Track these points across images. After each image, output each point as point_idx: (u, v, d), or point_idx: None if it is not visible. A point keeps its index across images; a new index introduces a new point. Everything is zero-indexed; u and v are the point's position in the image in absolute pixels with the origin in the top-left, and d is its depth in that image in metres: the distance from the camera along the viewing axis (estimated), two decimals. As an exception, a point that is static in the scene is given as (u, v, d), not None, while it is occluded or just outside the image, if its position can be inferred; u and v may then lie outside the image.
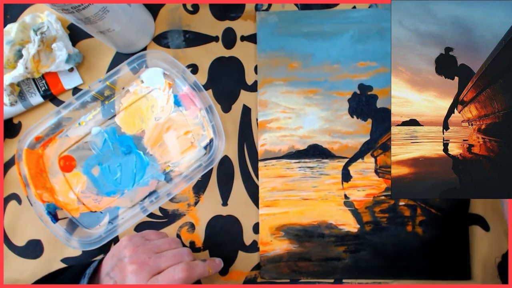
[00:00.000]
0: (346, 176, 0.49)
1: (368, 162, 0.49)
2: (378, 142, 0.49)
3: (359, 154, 0.49)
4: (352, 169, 0.49)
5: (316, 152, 0.49)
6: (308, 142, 0.49)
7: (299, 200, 0.48)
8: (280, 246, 0.48)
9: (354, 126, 0.49)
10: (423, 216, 0.48)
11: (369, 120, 0.49)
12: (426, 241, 0.47)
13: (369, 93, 0.49)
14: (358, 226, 0.48)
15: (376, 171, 0.48)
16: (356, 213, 0.48)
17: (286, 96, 0.49)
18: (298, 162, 0.49)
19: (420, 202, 0.48)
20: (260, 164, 0.49)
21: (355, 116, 0.49)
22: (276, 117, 0.49)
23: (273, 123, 0.49)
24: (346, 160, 0.49)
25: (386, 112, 0.49)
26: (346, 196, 0.48)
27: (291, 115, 0.49)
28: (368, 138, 0.49)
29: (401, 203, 0.48)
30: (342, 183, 0.48)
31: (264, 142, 0.49)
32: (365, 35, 0.49)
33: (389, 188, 0.48)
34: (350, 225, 0.48)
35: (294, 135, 0.49)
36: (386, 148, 0.48)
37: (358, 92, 0.49)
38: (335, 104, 0.49)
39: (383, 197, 0.48)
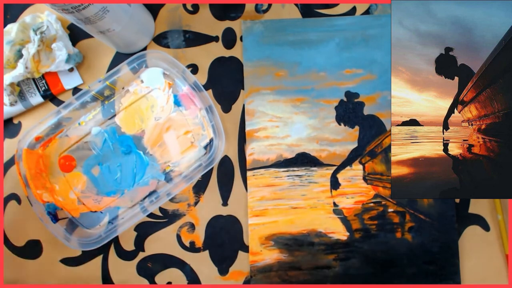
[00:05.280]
0: (334, 183, 0.49)
1: (356, 169, 0.49)
2: (366, 149, 0.49)
3: (347, 162, 0.49)
4: (340, 176, 0.49)
5: (304, 160, 0.49)
6: (296, 151, 0.49)
7: (288, 209, 0.48)
8: (270, 256, 0.48)
9: (341, 134, 0.49)
10: (412, 222, 0.48)
11: (357, 127, 0.49)
12: (415, 247, 0.47)
13: (355, 100, 0.49)
14: (348, 233, 0.48)
15: (364, 178, 0.49)
16: (345, 221, 0.48)
17: (273, 105, 0.49)
18: (287, 171, 0.49)
19: (409, 208, 0.48)
20: (249, 173, 0.49)
21: (342, 124, 0.49)
22: (264, 126, 0.49)
23: (260, 132, 0.49)
24: (335, 167, 0.49)
25: (373, 119, 0.49)
26: (335, 204, 0.48)
27: (278, 123, 0.49)
28: (356, 145, 0.49)
29: (390, 209, 0.48)
30: (331, 191, 0.48)
31: (252, 151, 0.49)
32: (351, 43, 0.49)
33: (377, 195, 0.48)
34: (340, 233, 0.48)
35: (282, 143, 0.49)
36: (374, 155, 0.49)
37: (345, 99, 0.49)
38: (322, 112, 0.49)
39: (372, 204, 0.48)
